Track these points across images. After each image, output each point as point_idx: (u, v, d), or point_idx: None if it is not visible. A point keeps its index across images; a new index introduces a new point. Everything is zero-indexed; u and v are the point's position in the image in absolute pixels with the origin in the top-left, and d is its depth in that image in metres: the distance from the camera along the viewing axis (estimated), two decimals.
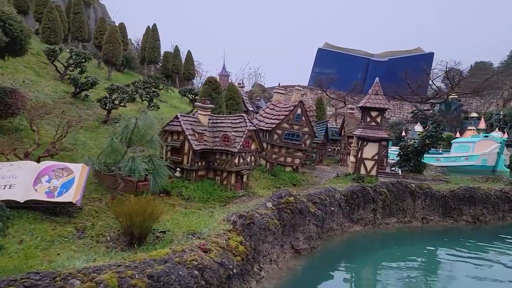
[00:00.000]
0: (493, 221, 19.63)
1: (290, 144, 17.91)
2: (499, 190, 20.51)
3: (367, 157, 20.80)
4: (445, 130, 78.86)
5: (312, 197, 14.48)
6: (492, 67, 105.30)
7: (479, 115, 78.67)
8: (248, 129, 14.09)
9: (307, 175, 20.83)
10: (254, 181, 17.39)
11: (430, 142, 27.28)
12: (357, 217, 17.05)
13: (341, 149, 31.34)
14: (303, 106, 17.70)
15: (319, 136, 26.20)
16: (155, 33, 38.40)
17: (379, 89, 20.90)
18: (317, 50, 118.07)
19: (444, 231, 18.40)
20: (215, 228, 10.08)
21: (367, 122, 20.83)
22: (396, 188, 18.36)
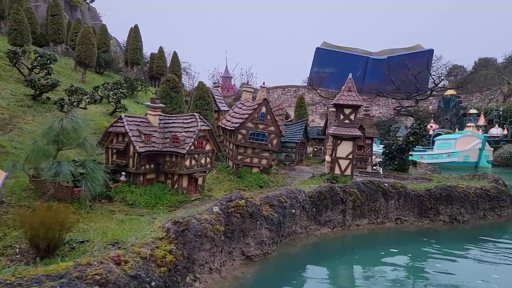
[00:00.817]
0: (473, 220, 18.82)
1: (256, 144, 17.23)
2: (479, 188, 19.71)
3: (341, 156, 20.06)
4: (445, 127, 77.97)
5: (270, 199, 13.79)
6: (496, 63, 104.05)
7: (478, 111, 77.57)
8: (200, 129, 13.42)
9: (279, 176, 20.15)
10: (218, 184, 16.74)
11: (414, 139, 26.45)
12: (325, 219, 16.33)
13: (325, 149, 30.60)
14: (267, 104, 17.02)
15: (297, 135, 25.52)
16: (136, 34, 37.88)
17: (352, 85, 20.17)
18: (316, 49, 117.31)
19: (419, 232, 17.63)
20: (144, 236, 9.44)
21: (341, 120, 20.11)
22: (368, 188, 17.62)
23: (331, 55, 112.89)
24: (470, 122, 75.62)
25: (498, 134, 69.57)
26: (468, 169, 44.24)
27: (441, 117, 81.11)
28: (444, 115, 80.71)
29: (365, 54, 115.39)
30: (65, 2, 48.51)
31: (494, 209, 19.74)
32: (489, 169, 48.69)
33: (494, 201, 19.69)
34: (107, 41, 37.13)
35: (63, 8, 47.88)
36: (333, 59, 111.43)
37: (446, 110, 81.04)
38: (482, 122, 73.81)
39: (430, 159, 49.37)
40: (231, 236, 11.65)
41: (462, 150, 51.38)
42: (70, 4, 49.21)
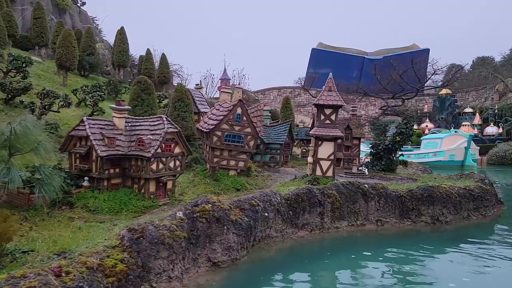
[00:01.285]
0: (456, 221, 18.45)
1: (232, 146, 16.86)
2: (462, 188, 19.34)
3: (322, 157, 19.71)
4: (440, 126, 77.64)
5: (241, 203, 13.40)
6: (493, 62, 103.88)
7: (474, 110, 77.27)
8: (167, 131, 13.05)
9: (259, 178, 19.79)
10: (192, 187, 16.38)
11: (400, 139, 26.11)
12: (302, 222, 15.96)
13: None
14: (243, 105, 16.65)
15: (282, 136, 25.17)
16: (123, 37, 37.54)
17: (332, 85, 19.82)
18: (311, 50, 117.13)
19: (401, 234, 17.25)
20: (96, 244, 9.06)
21: (322, 120, 19.76)
22: (347, 189, 17.25)
23: (326, 56, 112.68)
24: (465, 121, 75.42)
25: (494, 132, 69.29)
26: (455, 168, 44.50)
27: (437, 116, 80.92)
28: (439, 114, 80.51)
29: (360, 54, 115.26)
30: (53, 5, 48.19)
31: (478, 209, 19.38)
32: (475, 168, 49.44)
33: (478, 201, 19.33)
34: (93, 44, 36.76)
35: (51, 12, 47.60)
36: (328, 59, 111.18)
37: (441, 109, 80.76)
38: (477, 121, 73.58)
39: (417, 159, 49.68)
40: (196, 242, 11.27)
41: (448, 149, 51.77)
42: (59, 7, 48.84)
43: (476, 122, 73.38)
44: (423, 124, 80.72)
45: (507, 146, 58.61)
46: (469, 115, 77.03)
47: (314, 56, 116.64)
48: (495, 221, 19.70)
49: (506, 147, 58.54)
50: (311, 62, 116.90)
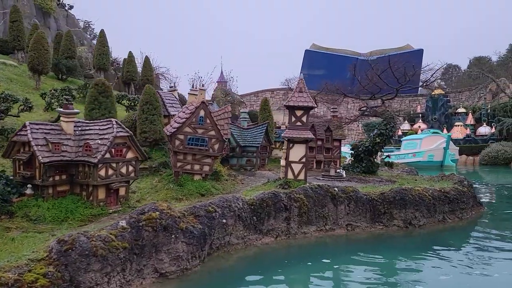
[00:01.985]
0: (430, 224, 17.92)
1: (196, 150, 16.32)
2: (438, 190, 18.83)
3: (294, 160, 19.16)
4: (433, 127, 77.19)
5: (196, 209, 12.87)
6: (490, 62, 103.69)
7: (467, 110, 76.88)
8: (116, 135, 12.52)
9: (228, 183, 19.26)
10: (153, 193, 15.82)
11: (380, 140, 25.61)
12: (267, 228, 15.43)
13: None
14: (206, 107, 16.12)
15: (258, 139, 24.65)
16: (103, 39, 37.07)
17: (303, 86, 19.33)
18: (304, 51, 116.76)
19: (372, 238, 16.75)
20: (19, 258, 8.52)
21: (293, 122, 19.24)
22: (316, 193, 16.73)
23: (320, 57, 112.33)
24: (458, 121, 75.04)
25: (486, 132, 68.85)
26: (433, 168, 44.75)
27: (430, 117, 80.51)
28: (432, 115, 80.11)
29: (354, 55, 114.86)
30: (37, 9, 47.68)
31: (454, 211, 18.87)
32: (454, 168, 49.93)
33: (454, 204, 18.82)
34: (73, 47, 36.27)
35: (35, 15, 47.12)
36: (322, 61, 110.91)
37: (434, 110, 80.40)
38: (470, 121, 73.17)
39: (397, 159, 49.96)
40: (141, 253, 10.73)
41: (427, 150, 52.23)
42: (43, 11, 48.34)
43: (469, 122, 73.01)
44: (416, 125, 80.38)
45: (499, 146, 58.25)
46: (462, 115, 76.65)
47: (308, 58, 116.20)
48: (472, 224, 19.21)
49: (498, 147, 58.22)
50: (305, 63, 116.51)
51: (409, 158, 51.45)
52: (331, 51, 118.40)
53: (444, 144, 52.01)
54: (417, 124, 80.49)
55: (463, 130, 71.89)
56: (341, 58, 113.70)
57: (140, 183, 16.97)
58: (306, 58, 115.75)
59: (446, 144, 51.99)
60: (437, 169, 47.44)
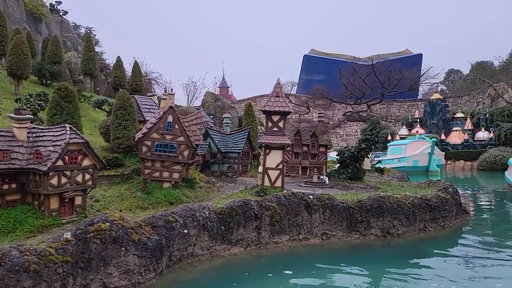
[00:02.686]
0: (410, 233, 17.27)
1: (164, 156, 15.79)
2: (419, 198, 18.19)
3: (270, 166, 18.63)
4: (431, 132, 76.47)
5: (155, 219, 12.33)
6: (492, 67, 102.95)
7: (465, 115, 76.13)
8: (68, 142, 12.01)
9: (202, 190, 18.72)
10: (118, 202, 15.28)
11: (366, 146, 25.02)
12: (236, 238, 14.84)
13: None
14: (174, 113, 15.60)
15: (239, 145, 24.13)
16: (89, 44, 36.75)
17: (280, 91, 18.81)
18: (303, 56, 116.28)
19: (348, 248, 16.12)
20: None
21: (269, 128, 18.72)
22: (289, 201, 16.14)
23: (319, 62, 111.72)
24: (456, 126, 74.31)
25: (485, 137, 68.02)
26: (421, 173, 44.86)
27: (428, 121, 79.84)
28: (430, 119, 79.44)
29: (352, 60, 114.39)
30: (27, 14, 47.48)
31: (436, 220, 18.23)
32: (439, 173, 50.53)
33: (436, 211, 18.18)
34: (59, 52, 35.94)
35: (25, 21, 46.89)
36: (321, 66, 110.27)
37: (432, 115, 79.75)
38: (468, 126, 72.42)
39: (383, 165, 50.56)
40: (87, 266, 10.18)
41: (411, 155, 52.85)
42: (34, 16, 48.15)
43: (467, 127, 72.25)
44: (414, 130, 79.65)
45: (497, 151, 57.51)
46: (460, 120, 75.93)
47: (307, 63, 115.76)
48: (455, 232, 18.55)
49: (496, 152, 57.51)
50: (303, 68, 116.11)
51: (394, 163, 51.44)
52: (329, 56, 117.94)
53: (429, 149, 52.47)
54: (415, 129, 79.82)
55: (461, 135, 71.14)
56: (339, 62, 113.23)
57: (108, 191, 16.46)
58: (304, 63, 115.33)
59: (431, 150, 52.46)
60: (422, 174, 47.45)
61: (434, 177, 46.86)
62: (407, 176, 35.31)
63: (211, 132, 23.94)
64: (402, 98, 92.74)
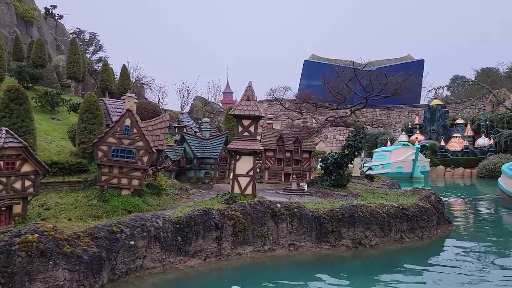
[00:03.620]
0: (384, 244, 16.32)
1: (122, 162, 15.01)
2: (395, 207, 17.27)
3: (241, 173, 17.79)
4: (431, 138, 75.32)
5: (97, 230, 11.53)
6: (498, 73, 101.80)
7: (465, 121, 74.99)
8: (3, 146, 11.27)
9: (168, 198, 17.94)
10: (71, 210, 14.50)
11: (349, 152, 24.13)
12: (195, 249, 13.98)
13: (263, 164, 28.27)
14: (132, 116, 14.85)
15: (216, 150, 23.32)
16: (75, 47, 36.24)
17: (251, 94, 18.00)
18: (304, 62, 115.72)
19: (317, 260, 15.17)
20: None
21: (240, 133, 17.90)
22: (255, 209, 15.29)
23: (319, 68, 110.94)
24: (456, 132, 73.19)
25: (485, 144, 66.84)
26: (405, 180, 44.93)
27: (428, 128, 78.73)
28: (430, 126, 78.34)
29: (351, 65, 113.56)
30: (18, 18, 47.18)
31: (414, 230, 17.29)
32: (422, 180, 51.32)
33: (413, 221, 17.24)
34: (43, 55, 35.44)
35: (15, 24, 46.59)
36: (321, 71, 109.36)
37: (432, 121, 78.66)
38: (468, 132, 71.27)
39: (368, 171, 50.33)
40: (9, 282, 9.38)
41: (395, 161, 53.64)
42: (25, 19, 47.85)
43: (467, 134, 71.10)
44: (413, 136, 78.58)
45: (497, 158, 56.44)
46: (460, 126, 74.81)
47: (307, 68, 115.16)
48: (434, 243, 17.60)
49: (496, 159, 56.48)
50: (304, 74, 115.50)
51: (379, 169, 51.36)
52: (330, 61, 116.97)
53: (413, 156, 53.16)
54: (415, 135, 78.74)
55: (461, 142, 70.02)
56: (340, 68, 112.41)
57: (64, 198, 15.70)
58: (305, 68, 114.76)
59: (415, 156, 53.14)
60: (407, 180, 47.32)
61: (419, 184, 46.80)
62: (398, 184, 34.40)
63: (187, 137, 23.18)
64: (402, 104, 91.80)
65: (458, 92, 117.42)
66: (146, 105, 36.08)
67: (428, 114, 79.89)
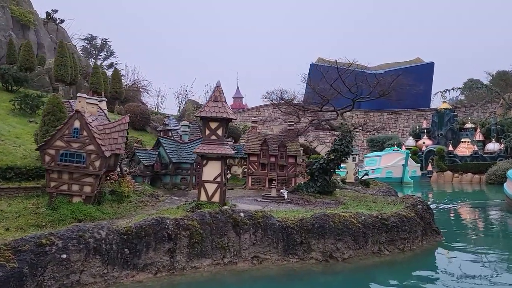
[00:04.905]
0: (359, 257, 14.95)
1: (72, 167, 13.97)
2: (374, 216, 15.89)
3: (207, 179, 16.68)
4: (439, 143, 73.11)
5: (23, 242, 10.47)
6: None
7: (475, 125, 72.65)
8: None
9: (130, 205, 16.85)
10: (13, 219, 13.44)
11: (335, 157, 22.77)
12: (144, 262, 12.83)
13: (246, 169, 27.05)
14: (82, 118, 13.80)
15: (193, 154, 22.21)
16: (62, 50, 35.58)
17: (219, 95, 16.89)
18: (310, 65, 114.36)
19: (284, 274, 13.84)
20: None
21: (207, 136, 16.80)
22: (215, 219, 14.08)
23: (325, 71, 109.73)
24: (465, 137, 70.95)
25: (495, 149, 64.52)
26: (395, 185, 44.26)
27: (436, 132, 76.49)
28: (438, 130, 76.08)
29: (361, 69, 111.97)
30: (14, 21, 46.89)
31: (394, 242, 15.87)
32: (412, 185, 51.21)
33: (393, 232, 15.83)
34: (31, 58, 34.89)
35: (11, 28, 46.29)
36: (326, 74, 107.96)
37: (440, 125, 76.39)
38: (478, 137, 68.97)
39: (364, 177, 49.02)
40: None
41: (385, 166, 53.85)
42: (21, 23, 47.56)
43: (477, 138, 68.80)
44: (421, 141, 76.48)
45: (507, 164, 54.25)
46: (470, 130, 72.51)
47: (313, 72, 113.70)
48: (416, 256, 16.11)
49: (506, 165, 54.34)
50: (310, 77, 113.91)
51: (369, 174, 50.15)
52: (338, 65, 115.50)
53: (403, 161, 53.07)
54: (422, 139, 76.62)
55: (470, 147, 67.74)
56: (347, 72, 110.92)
57: (13, 205, 14.71)
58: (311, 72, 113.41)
59: (405, 161, 53.05)
60: (397, 185, 46.40)
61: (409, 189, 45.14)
62: (394, 190, 32.88)
63: (163, 140, 22.14)
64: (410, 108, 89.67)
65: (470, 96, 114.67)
66: (134, 108, 35.32)
67: (436, 118, 77.59)
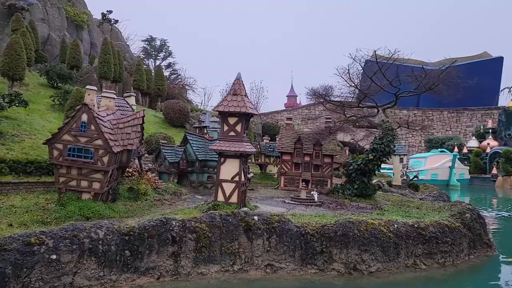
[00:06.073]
0: (388, 271, 13.13)
1: (80, 162, 13.44)
2: (409, 225, 13.97)
3: (225, 178, 15.62)
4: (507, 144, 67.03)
5: (10, 240, 9.95)
6: None
7: None
8: None
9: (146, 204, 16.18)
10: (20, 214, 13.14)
11: (374, 157, 20.83)
12: (147, 266, 12.00)
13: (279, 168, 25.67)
14: (89, 111, 13.20)
15: None
16: (106, 47, 36.10)
17: (238, 88, 15.74)
18: (365, 61, 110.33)
19: (299, 286, 12.48)
20: None
21: (225, 132, 15.74)
22: (225, 221, 12.96)
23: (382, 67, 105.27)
24: None
25: None
26: (441, 187, 41.83)
27: (503, 133, 70.23)
28: (506, 130, 69.74)
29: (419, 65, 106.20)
30: (69, 22, 48.85)
31: (432, 255, 13.85)
32: (458, 187, 49.53)
33: (432, 244, 13.81)
34: (77, 56, 35.83)
35: (66, 28, 48.19)
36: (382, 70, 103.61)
37: (508, 125, 69.97)
38: None
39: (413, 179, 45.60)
40: None
41: (430, 168, 52.41)
42: (75, 24, 49.47)
43: None
44: (485, 142, 70.59)
45: None
46: None
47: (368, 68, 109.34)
48: (462, 273, 13.99)
49: None
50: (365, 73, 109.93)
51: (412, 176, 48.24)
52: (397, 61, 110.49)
53: (450, 163, 51.60)
54: (487, 140, 70.69)
55: None
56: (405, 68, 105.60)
57: (26, 200, 14.54)
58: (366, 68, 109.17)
59: (452, 163, 51.47)
60: (443, 188, 43.92)
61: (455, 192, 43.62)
62: (446, 195, 29.96)
63: (190, 137, 21.36)
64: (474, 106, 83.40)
65: None
66: (173, 105, 35.11)
67: (504, 117, 71.09)
